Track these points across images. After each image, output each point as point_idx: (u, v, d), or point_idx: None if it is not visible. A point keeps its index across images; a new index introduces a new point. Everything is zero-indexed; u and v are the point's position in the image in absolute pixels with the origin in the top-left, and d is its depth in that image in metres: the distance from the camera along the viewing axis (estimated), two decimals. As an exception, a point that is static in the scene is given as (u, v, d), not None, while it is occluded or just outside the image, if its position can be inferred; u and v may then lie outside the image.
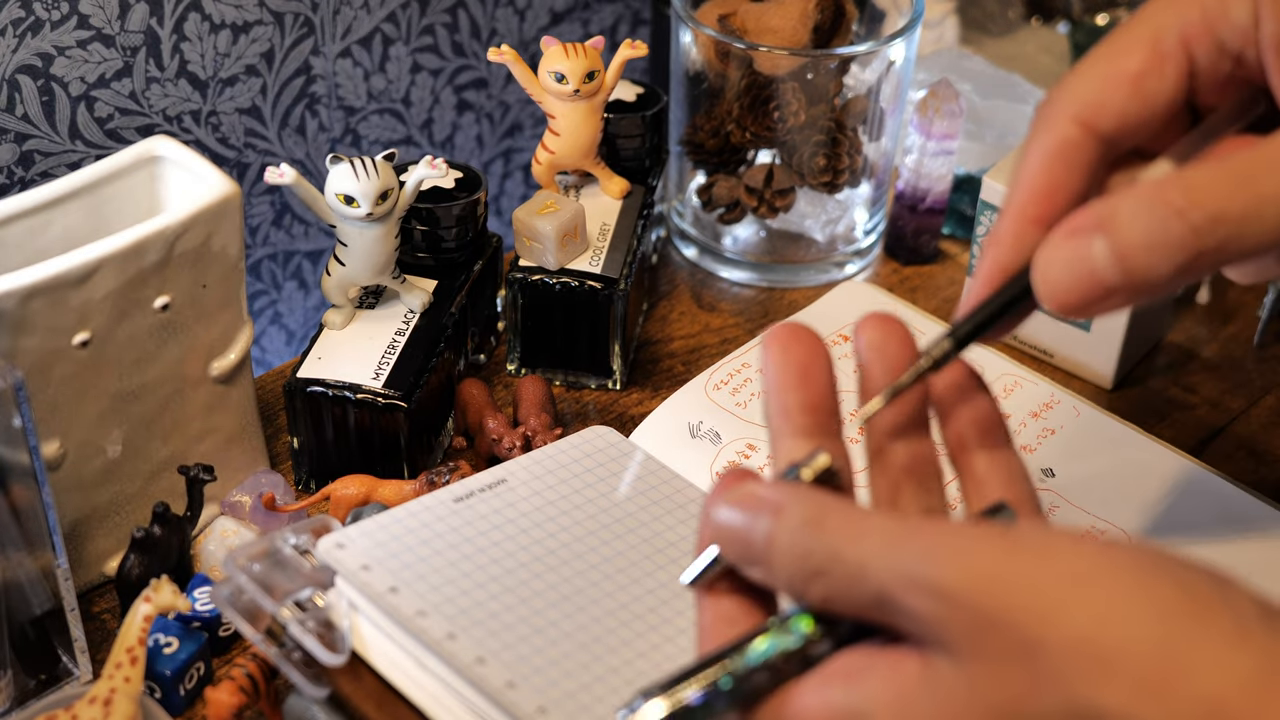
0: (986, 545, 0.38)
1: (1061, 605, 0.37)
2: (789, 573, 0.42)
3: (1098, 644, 0.36)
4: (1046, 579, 0.37)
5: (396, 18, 0.91)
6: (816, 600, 0.42)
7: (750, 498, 0.43)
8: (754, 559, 0.43)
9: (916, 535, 0.40)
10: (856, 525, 0.41)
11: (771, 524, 0.42)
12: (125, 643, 0.58)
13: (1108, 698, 0.36)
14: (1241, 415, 0.81)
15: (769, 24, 0.84)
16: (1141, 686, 0.36)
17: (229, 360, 0.69)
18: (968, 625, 0.38)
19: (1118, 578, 0.37)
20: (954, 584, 0.38)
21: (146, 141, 0.68)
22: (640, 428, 0.74)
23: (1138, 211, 0.42)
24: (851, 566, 0.40)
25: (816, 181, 0.88)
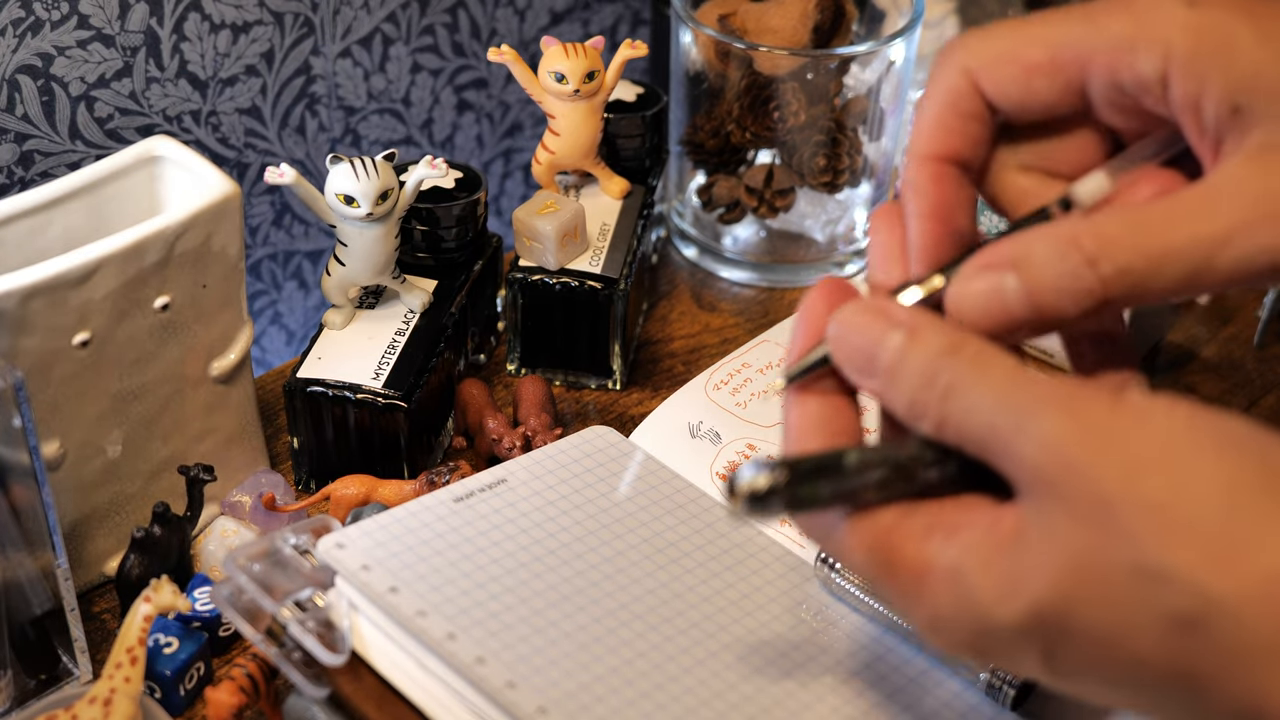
0: (1093, 404, 0.41)
1: (1142, 469, 0.39)
2: (910, 393, 0.43)
3: (1170, 510, 0.39)
4: (1135, 442, 0.40)
5: (396, 18, 0.91)
6: (930, 424, 0.43)
7: (884, 312, 0.45)
8: (876, 372, 0.44)
9: (1034, 384, 0.42)
10: (985, 361, 0.43)
11: (905, 342, 0.44)
12: (125, 643, 0.58)
13: (1174, 558, 0.38)
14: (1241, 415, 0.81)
15: (769, 24, 0.84)
16: (1208, 554, 0.38)
17: (229, 360, 0.69)
18: (1057, 475, 0.40)
19: (1200, 447, 0.39)
20: (1054, 434, 0.40)
21: (146, 141, 0.68)
22: (640, 428, 0.74)
23: (1050, 256, 0.44)
24: (971, 399, 0.42)
25: (816, 181, 0.88)
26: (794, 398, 0.47)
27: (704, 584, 0.61)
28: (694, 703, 0.55)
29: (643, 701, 0.54)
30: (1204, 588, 0.38)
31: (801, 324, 0.47)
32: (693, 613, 0.59)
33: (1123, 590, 0.39)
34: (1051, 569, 0.40)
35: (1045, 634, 0.41)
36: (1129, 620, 0.39)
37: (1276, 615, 0.37)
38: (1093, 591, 0.40)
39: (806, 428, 0.47)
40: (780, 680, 0.57)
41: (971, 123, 0.50)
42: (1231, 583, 0.38)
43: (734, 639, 0.58)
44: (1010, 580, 0.41)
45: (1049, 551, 0.40)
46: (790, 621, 0.60)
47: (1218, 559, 0.38)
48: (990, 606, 0.41)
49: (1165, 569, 0.38)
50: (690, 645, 0.57)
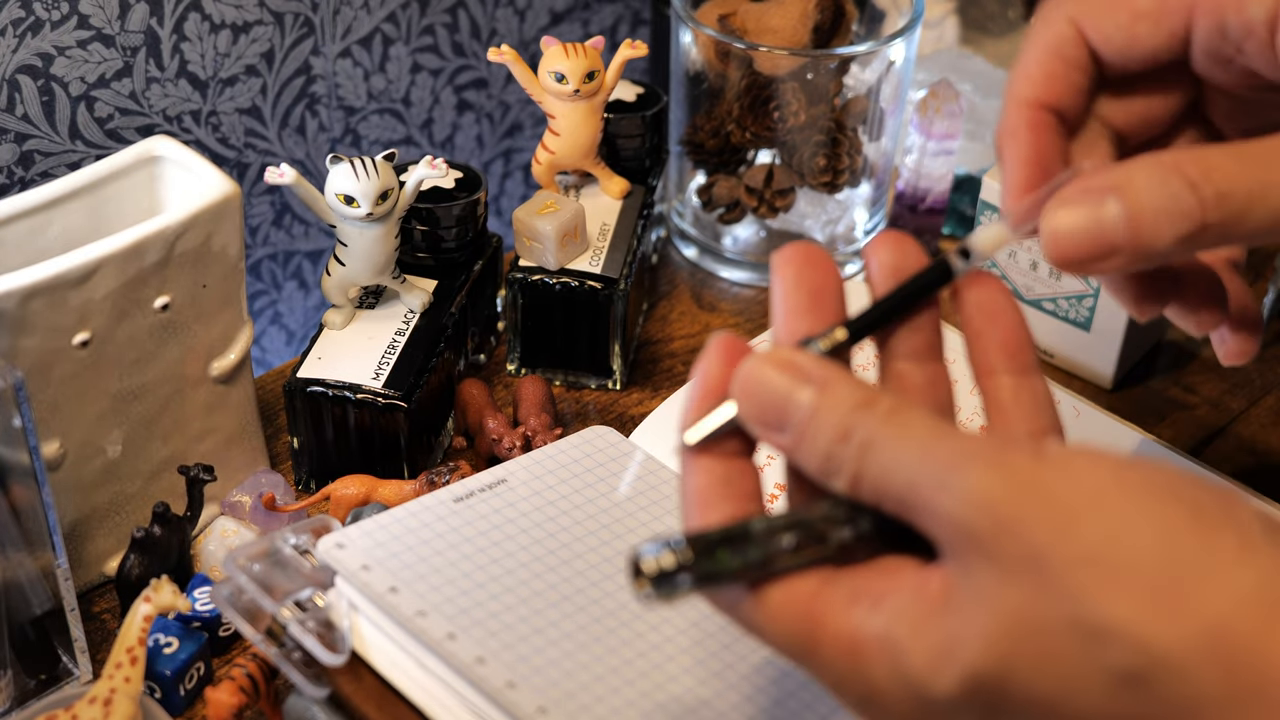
0: (1017, 457, 0.39)
1: (1073, 520, 0.38)
2: (824, 449, 0.42)
3: (1105, 559, 0.37)
4: (1063, 493, 0.38)
5: (396, 18, 0.91)
6: (845, 481, 0.42)
7: (793, 365, 0.43)
8: (786, 428, 0.43)
9: (955, 438, 0.40)
10: (903, 416, 0.41)
11: (816, 397, 0.42)
12: (125, 643, 0.58)
13: (1113, 611, 0.37)
14: (1241, 415, 0.81)
15: (769, 24, 0.84)
16: (1146, 601, 0.37)
17: (229, 360, 0.69)
18: (985, 531, 0.39)
19: (1129, 495, 0.38)
20: (980, 489, 0.39)
21: (146, 141, 0.68)
22: (640, 428, 0.74)
23: (1152, 178, 0.44)
24: (890, 455, 0.41)
25: (816, 181, 0.88)
26: (691, 462, 0.44)
27: (704, 584, 0.61)
28: (694, 703, 0.55)
29: (643, 701, 0.54)
30: (1146, 641, 0.36)
31: (698, 384, 0.45)
32: (692, 613, 0.59)
33: (1062, 649, 0.37)
34: (985, 631, 0.39)
35: (983, 702, 0.39)
36: (1071, 680, 0.38)
37: (1223, 666, 0.36)
38: (1030, 652, 0.38)
39: (708, 493, 0.44)
40: (780, 680, 0.57)
41: (1074, 71, 0.50)
42: (1174, 634, 0.36)
43: (734, 639, 0.58)
44: (943, 647, 0.39)
45: (981, 613, 0.39)
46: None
47: (1158, 610, 0.37)
48: (926, 679, 0.39)
49: (1104, 623, 0.37)
50: (690, 645, 0.57)
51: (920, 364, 0.47)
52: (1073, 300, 0.80)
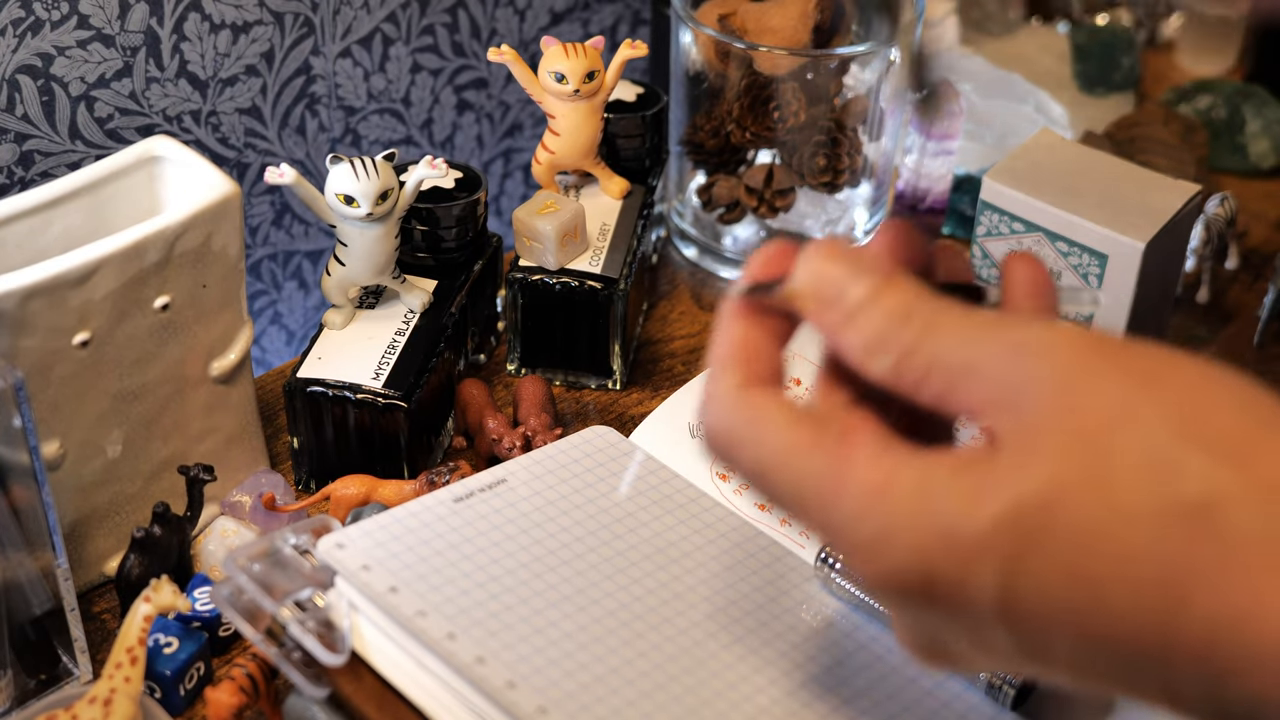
0: (1090, 332, 0.40)
1: (1156, 377, 0.39)
2: (878, 326, 0.42)
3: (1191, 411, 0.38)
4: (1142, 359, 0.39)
5: (396, 18, 0.91)
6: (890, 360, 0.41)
7: (862, 258, 0.43)
8: (843, 303, 0.42)
9: (1019, 323, 0.41)
10: (958, 308, 0.42)
11: (880, 282, 0.42)
12: (125, 643, 0.58)
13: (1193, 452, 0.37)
14: (1241, 415, 0.81)
15: (769, 24, 0.84)
16: (1226, 453, 0.37)
17: (229, 360, 0.69)
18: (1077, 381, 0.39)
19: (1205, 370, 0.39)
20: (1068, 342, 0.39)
21: (146, 141, 0.68)
22: (640, 428, 0.74)
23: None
24: (952, 333, 0.41)
25: (816, 181, 0.88)
26: (738, 311, 0.45)
27: (704, 584, 0.61)
28: (694, 703, 0.55)
29: (643, 701, 0.54)
30: (1219, 479, 0.37)
31: (758, 261, 0.46)
32: (693, 612, 0.59)
33: (1129, 478, 0.38)
34: (1043, 473, 0.38)
35: (1017, 536, 0.38)
36: (1130, 509, 0.37)
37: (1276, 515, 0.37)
38: (1092, 481, 0.38)
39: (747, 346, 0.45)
40: (780, 680, 0.57)
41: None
42: (1244, 479, 0.37)
43: (734, 639, 0.58)
44: (986, 485, 0.39)
45: (1042, 459, 0.38)
46: (790, 621, 0.60)
47: (1231, 456, 0.37)
48: (960, 513, 0.39)
49: (1183, 465, 0.37)
50: (690, 645, 0.57)
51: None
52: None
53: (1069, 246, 0.79)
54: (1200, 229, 0.87)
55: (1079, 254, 0.79)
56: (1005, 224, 0.81)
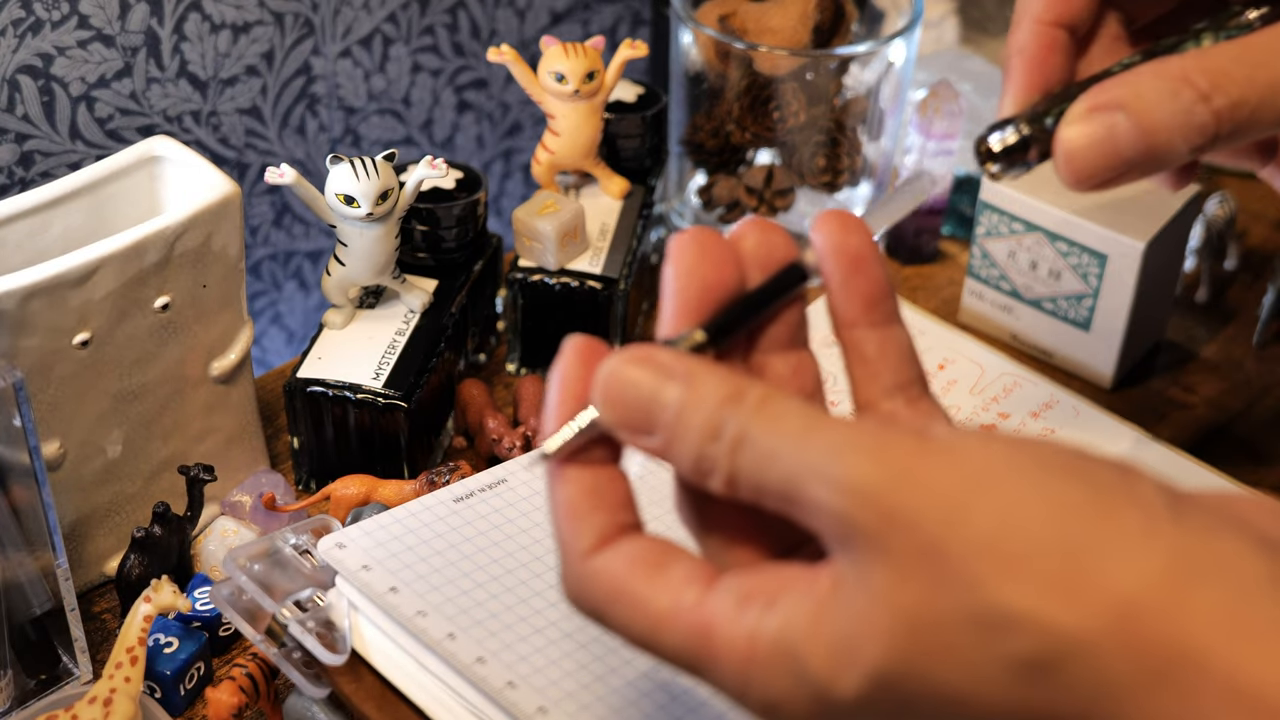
0: (897, 443, 0.37)
1: (965, 506, 0.36)
2: (695, 448, 0.39)
3: (1001, 545, 0.35)
4: (952, 480, 0.36)
5: (397, 18, 0.91)
6: (720, 481, 0.39)
7: (654, 362, 0.40)
8: (655, 429, 0.40)
9: (831, 427, 0.38)
10: (775, 407, 0.39)
11: (683, 393, 0.39)
12: (125, 642, 0.58)
13: (1012, 599, 0.35)
14: (1241, 415, 0.81)
15: (769, 24, 0.84)
16: (1047, 586, 0.35)
17: (229, 360, 0.69)
18: (874, 524, 0.36)
19: (1023, 477, 0.36)
20: (862, 480, 0.36)
21: (147, 141, 0.68)
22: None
23: (1162, 92, 0.44)
24: (764, 448, 0.38)
25: (816, 181, 0.88)
26: (558, 473, 0.42)
27: (704, 584, 0.61)
28: (694, 703, 0.55)
29: (643, 701, 0.54)
30: (1050, 626, 0.34)
31: (558, 390, 0.42)
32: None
33: (963, 642, 0.35)
34: (884, 628, 0.36)
35: (889, 701, 0.37)
36: (974, 673, 0.36)
37: (1133, 647, 0.34)
38: (931, 647, 0.36)
39: (578, 504, 0.41)
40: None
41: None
42: (1080, 618, 0.34)
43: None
44: (843, 648, 0.37)
45: (879, 610, 0.36)
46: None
47: (1060, 593, 0.35)
48: (828, 681, 0.37)
49: (1004, 612, 0.35)
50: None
51: (784, 354, 0.44)
52: (1072, 300, 0.80)
53: (1069, 246, 0.79)
54: (1200, 229, 0.87)
55: (1079, 254, 0.79)
56: (1005, 224, 0.81)
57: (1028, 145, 0.48)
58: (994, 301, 0.85)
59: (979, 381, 0.79)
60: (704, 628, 0.39)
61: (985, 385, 0.78)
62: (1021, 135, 0.48)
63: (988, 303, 0.85)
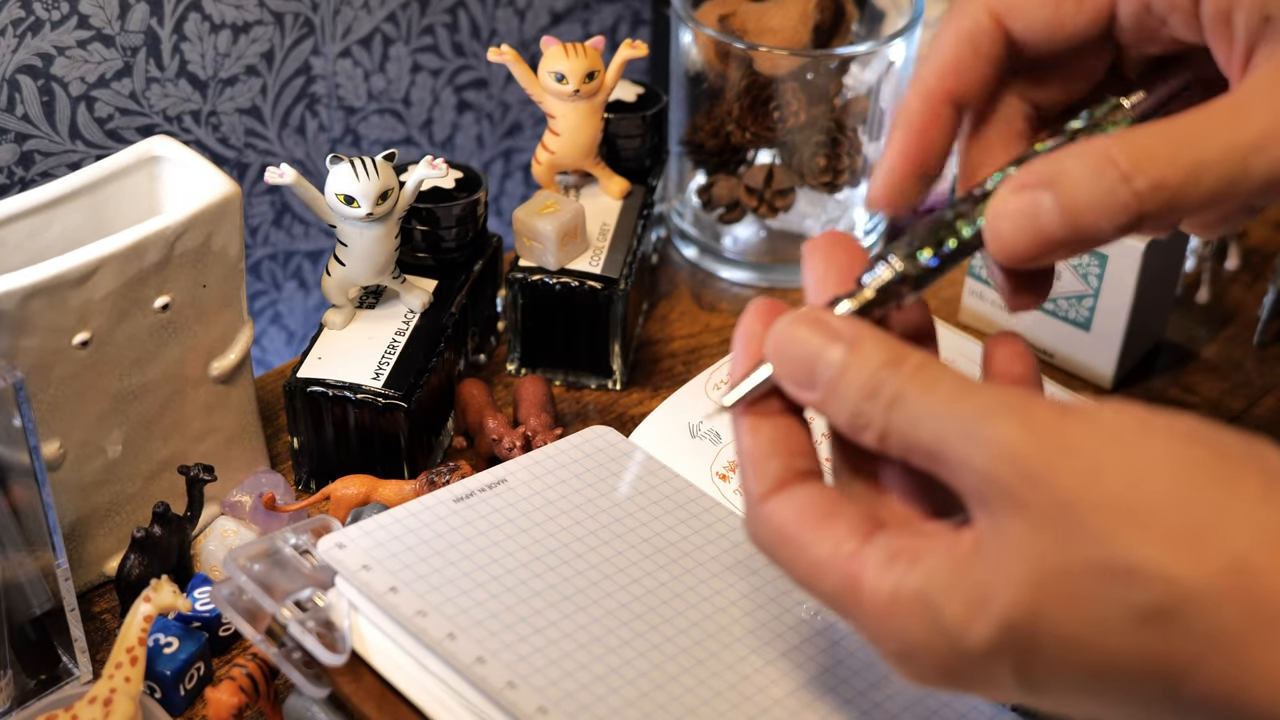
0: (1042, 409, 0.40)
1: (1098, 466, 0.39)
2: (853, 405, 0.43)
3: (1131, 505, 0.38)
4: (1088, 442, 0.39)
5: (397, 18, 0.91)
6: (874, 436, 0.43)
7: (823, 324, 0.44)
8: (817, 385, 0.44)
9: (982, 392, 0.41)
10: (931, 372, 0.42)
11: (845, 354, 0.43)
12: (125, 642, 0.58)
13: (1140, 552, 0.38)
14: (1241, 415, 0.81)
15: (769, 24, 0.84)
16: (1172, 541, 0.38)
17: (229, 360, 0.69)
18: (1014, 481, 0.40)
19: (1154, 441, 0.39)
20: (1009, 441, 0.40)
21: (146, 141, 0.68)
22: (640, 428, 0.74)
23: (1084, 173, 0.44)
24: (918, 409, 0.42)
25: (816, 181, 0.88)
26: (743, 422, 0.47)
27: (704, 584, 0.61)
28: (694, 703, 0.55)
29: (643, 701, 0.54)
30: (1172, 579, 0.38)
31: (740, 346, 0.47)
32: (693, 612, 0.59)
33: (1090, 590, 0.39)
34: (1017, 578, 0.40)
35: (1017, 647, 0.40)
36: (1100, 619, 0.39)
37: (1244, 600, 0.37)
38: (1060, 595, 0.39)
39: (760, 452, 0.46)
40: (780, 680, 0.57)
41: (986, 64, 0.50)
42: (1198, 571, 0.38)
43: (734, 639, 0.58)
44: (977, 598, 0.41)
45: (1012, 561, 0.40)
46: (790, 621, 0.60)
47: (1181, 548, 0.38)
48: (961, 629, 0.41)
49: (1132, 564, 0.38)
50: (690, 645, 0.57)
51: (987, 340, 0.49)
52: (1072, 300, 0.80)
53: (1069, 246, 0.79)
54: (1200, 229, 0.87)
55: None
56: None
57: (903, 281, 0.47)
58: (994, 301, 0.85)
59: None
60: (854, 578, 0.43)
61: (985, 385, 0.78)
62: (896, 273, 0.47)
63: (988, 303, 0.85)
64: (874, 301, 0.47)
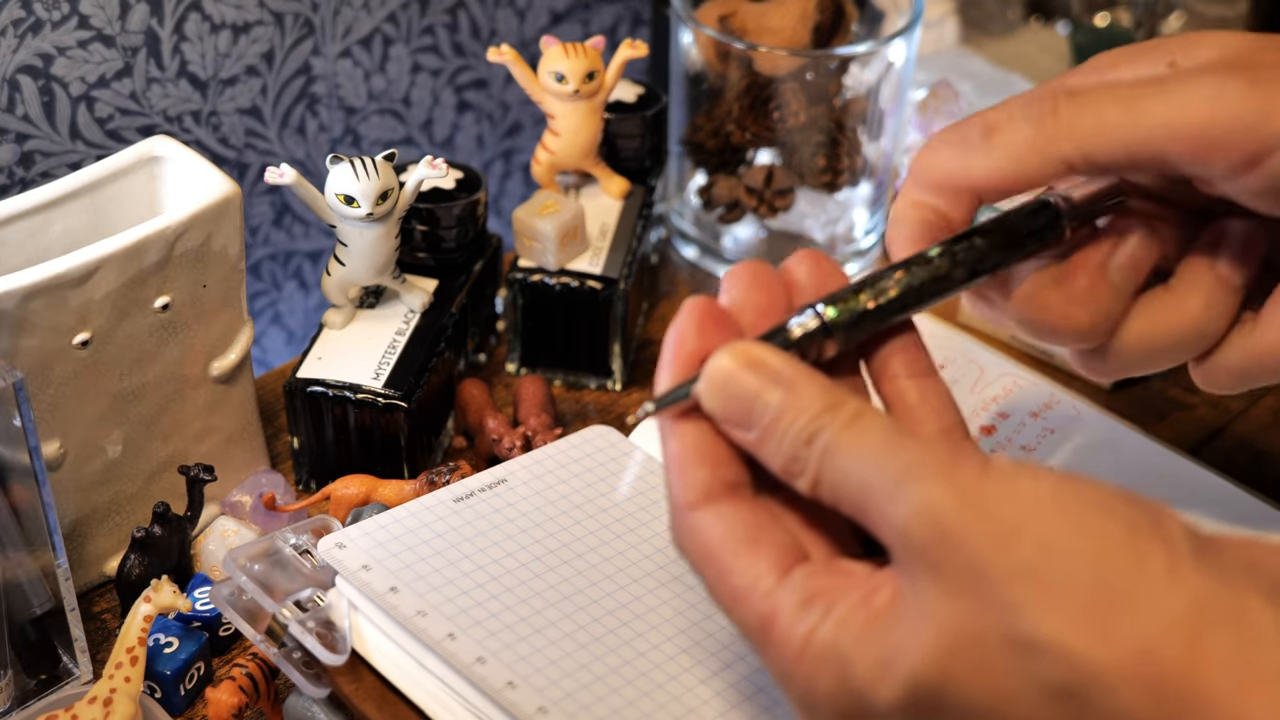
0: (963, 470, 0.40)
1: (1012, 533, 0.39)
2: (789, 451, 0.43)
3: (1041, 574, 0.38)
4: (1005, 508, 0.39)
5: (397, 18, 0.91)
6: (806, 483, 0.43)
7: (761, 366, 0.44)
8: (752, 427, 0.44)
9: (909, 448, 0.41)
10: (863, 422, 0.42)
11: (783, 400, 0.43)
12: (125, 642, 0.58)
13: (1046, 626, 0.37)
14: (1241, 415, 0.81)
15: (769, 24, 0.84)
16: (1079, 618, 0.37)
17: (229, 360, 0.69)
18: (930, 543, 0.39)
19: (1067, 511, 0.39)
20: (926, 502, 0.40)
21: (147, 141, 0.68)
22: (640, 428, 0.74)
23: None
24: (847, 460, 0.42)
25: (816, 181, 0.88)
26: (670, 427, 0.45)
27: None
28: (694, 702, 0.55)
29: (643, 701, 0.54)
30: (1078, 658, 0.37)
31: (674, 350, 0.46)
32: (692, 612, 0.59)
33: (997, 661, 0.38)
34: (926, 642, 0.39)
35: (923, 712, 0.40)
36: (1006, 692, 0.38)
37: (1150, 686, 0.37)
38: (968, 663, 0.39)
39: (688, 459, 0.45)
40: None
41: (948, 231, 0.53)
42: (1105, 652, 0.37)
43: (734, 639, 0.58)
44: (887, 657, 0.40)
45: (923, 624, 0.40)
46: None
47: (1090, 627, 0.37)
48: (869, 687, 0.40)
49: (1039, 638, 0.38)
50: (690, 645, 0.57)
51: (913, 380, 0.49)
52: (1072, 300, 0.80)
53: (1069, 246, 0.79)
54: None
55: (1079, 254, 0.79)
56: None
57: (829, 332, 0.46)
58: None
59: (979, 381, 0.79)
60: (768, 616, 0.43)
61: (985, 385, 0.78)
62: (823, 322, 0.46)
63: (988, 303, 0.85)
64: (799, 344, 0.46)
